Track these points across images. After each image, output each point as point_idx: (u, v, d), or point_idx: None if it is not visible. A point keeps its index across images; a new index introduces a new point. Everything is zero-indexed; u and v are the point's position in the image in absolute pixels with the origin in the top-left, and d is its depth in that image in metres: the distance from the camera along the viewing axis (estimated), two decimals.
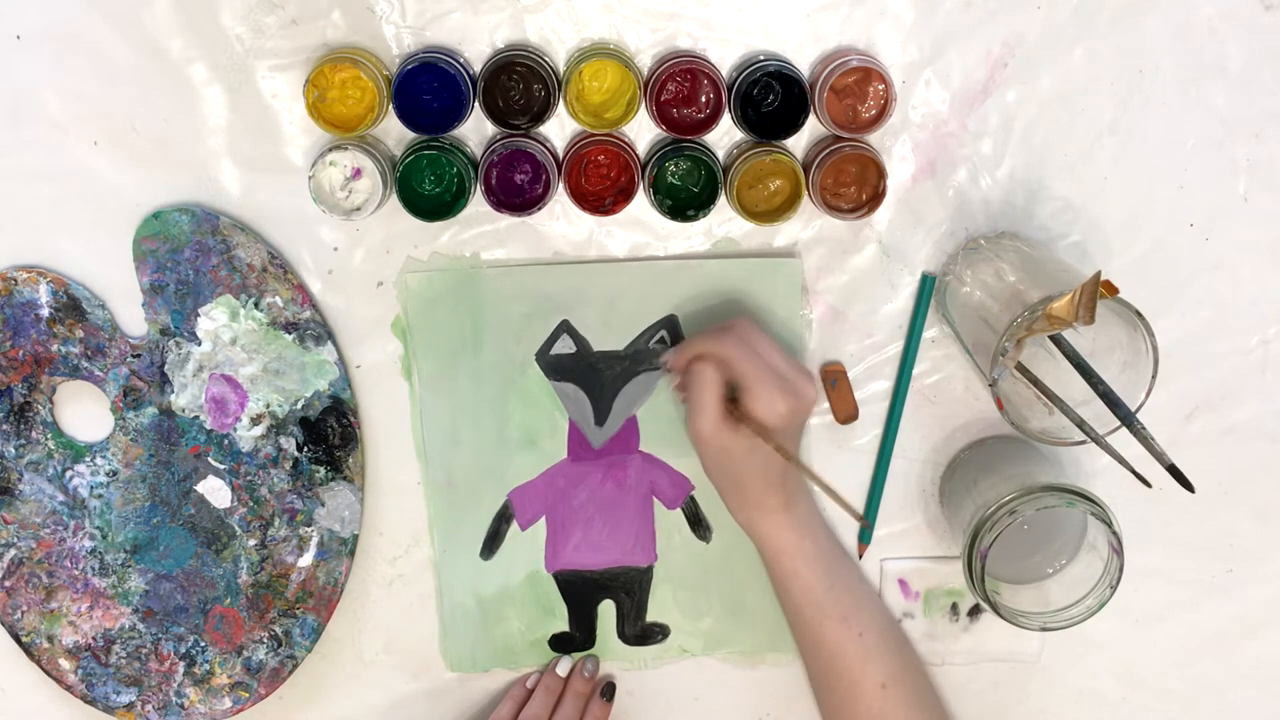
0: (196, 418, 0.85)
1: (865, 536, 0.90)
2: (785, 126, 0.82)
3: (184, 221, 0.83)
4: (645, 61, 0.83)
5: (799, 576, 0.82)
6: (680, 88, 0.81)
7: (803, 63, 0.83)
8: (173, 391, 0.85)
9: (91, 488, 0.86)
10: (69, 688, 0.87)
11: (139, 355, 0.84)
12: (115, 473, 0.86)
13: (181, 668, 0.87)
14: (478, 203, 0.83)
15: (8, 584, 0.86)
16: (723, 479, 0.82)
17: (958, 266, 0.84)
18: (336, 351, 0.85)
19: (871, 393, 0.88)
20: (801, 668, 0.87)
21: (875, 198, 0.83)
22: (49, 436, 0.85)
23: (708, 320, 0.86)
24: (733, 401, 0.79)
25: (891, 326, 0.87)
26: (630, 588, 0.91)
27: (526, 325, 0.86)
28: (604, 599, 0.91)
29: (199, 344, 0.84)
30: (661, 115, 0.82)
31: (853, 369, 0.88)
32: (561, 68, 0.83)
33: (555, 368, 0.87)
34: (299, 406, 0.85)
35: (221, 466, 0.86)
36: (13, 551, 0.86)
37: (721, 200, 0.83)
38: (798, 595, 0.83)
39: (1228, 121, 0.85)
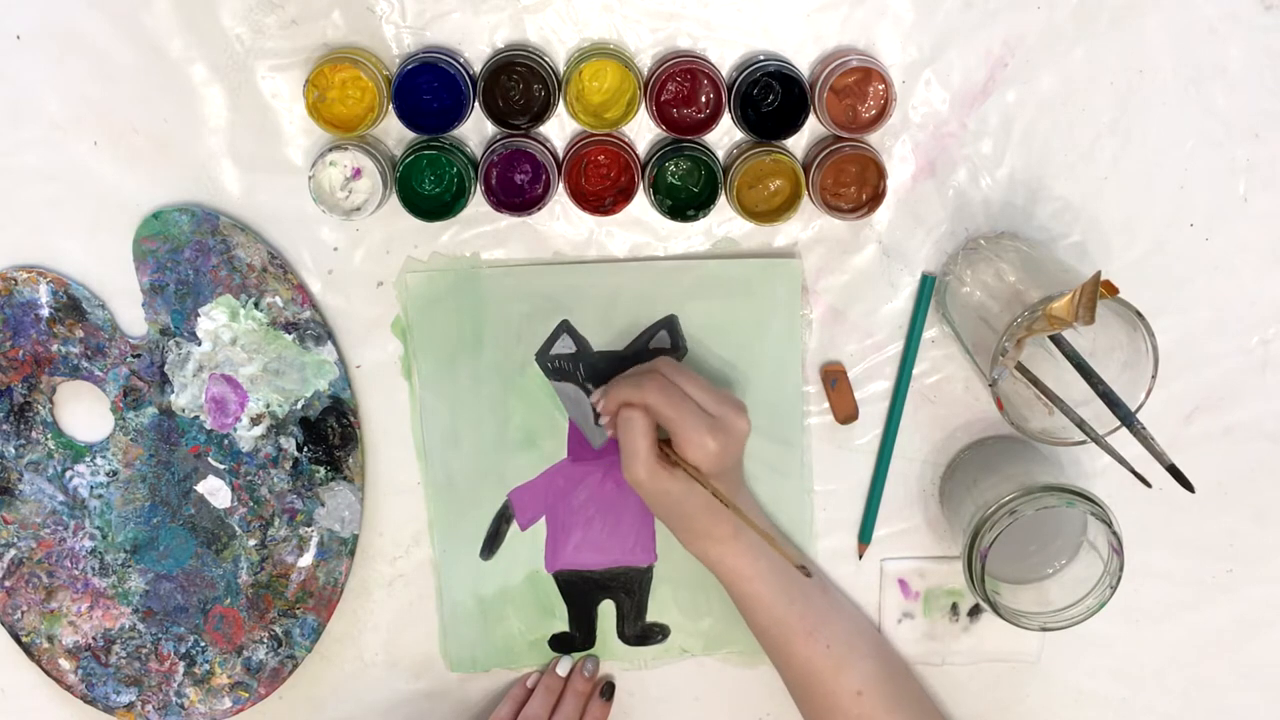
0: (196, 418, 0.85)
1: (865, 536, 0.90)
2: (785, 126, 0.82)
3: (184, 221, 0.83)
4: (645, 61, 0.83)
5: (759, 598, 0.83)
6: (680, 88, 0.81)
7: (803, 63, 0.83)
8: (173, 391, 0.85)
9: (91, 488, 0.86)
10: (69, 688, 0.87)
11: (139, 355, 0.84)
12: (115, 473, 0.86)
13: (181, 668, 0.88)
14: (478, 203, 0.83)
15: (8, 584, 0.86)
16: (668, 517, 0.82)
17: (958, 266, 0.84)
18: (336, 351, 0.85)
19: (871, 393, 0.88)
20: None
21: (875, 198, 0.83)
22: (49, 436, 0.85)
23: (708, 320, 0.86)
24: (665, 442, 0.79)
25: (891, 326, 0.87)
26: (630, 588, 0.91)
27: (526, 325, 0.86)
28: (604, 599, 0.91)
29: (199, 344, 0.84)
30: (661, 115, 0.82)
31: (853, 369, 0.88)
32: (561, 68, 0.83)
33: (555, 368, 0.87)
34: (299, 406, 0.85)
35: (221, 466, 0.86)
36: (13, 551, 0.86)
37: (721, 200, 0.83)
38: (760, 616, 0.83)
39: (1228, 121, 0.85)
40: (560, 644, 0.91)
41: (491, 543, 0.89)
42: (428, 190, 0.82)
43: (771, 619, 0.83)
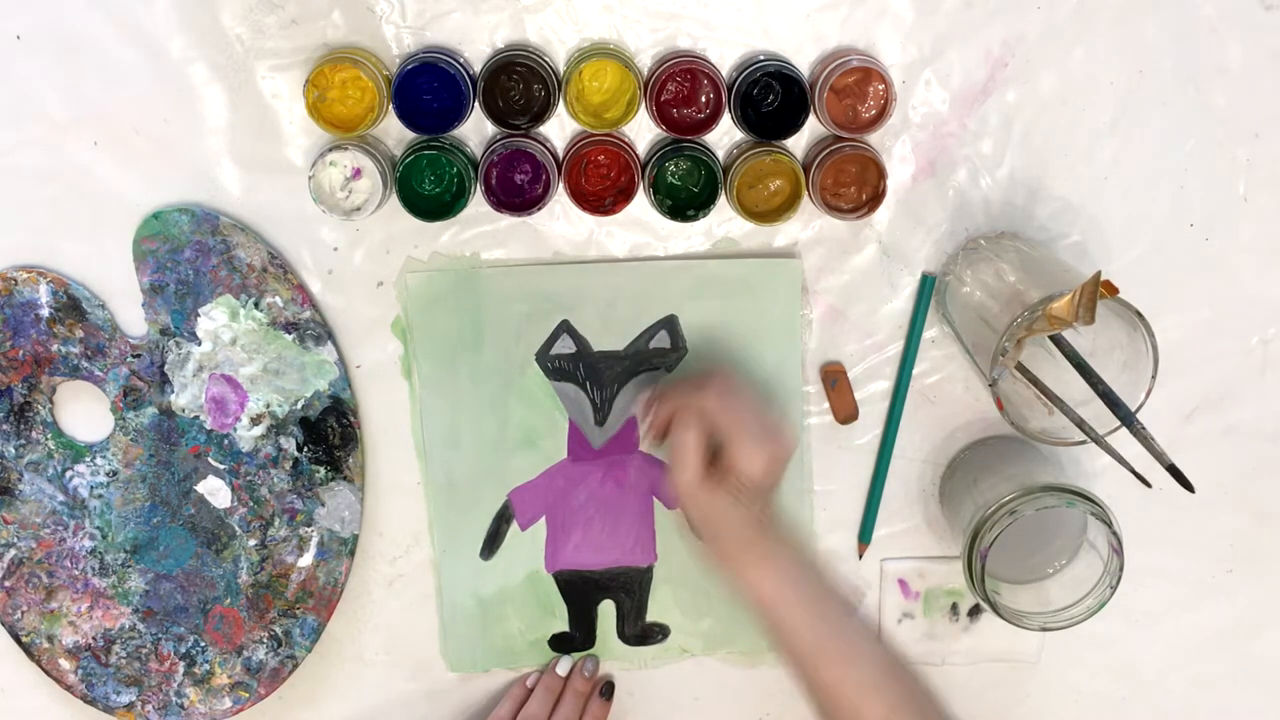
0: (196, 418, 0.85)
1: (865, 536, 0.90)
2: (785, 126, 0.82)
3: (184, 221, 0.83)
4: (645, 61, 0.83)
5: (786, 624, 0.82)
6: (680, 88, 0.81)
7: (803, 63, 0.83)
8: (173, 391, 0.85)
9: (91, 488, 0.86)
10: (69, 688, 0.87)
11: (139, 355, 0.84)
12: (115, 473, 0.86)
13: (181, 668, 0.88)
14: (478, 203, 0.83)
15: (8, 584, 0.86)
16: (703, 530, 0.81)
17: (958, 266, 0.84)
18: (336, 351, 0.85)
19: (871, 393, 0.88)
20: None
21: (875, 198, 0.83)
22: (49, 436, 0.85)
23: (708, 320, 0.86)
24: (713, 456, 0.79)
25: (891, 326, 0.87)
26: (630, 588, 0.91)
27: (526, 325, 0.86)
28: (604, 599, 0.91)
29: (199, 344, 0.84)
30: (661, 115, 0.82)
31: (853, 369, 0.88)
32: (561, 68, 0.83)
33: (555, 368, 0.87)
34: (299, 406, 0.85)
35: (221, 466, 0.86)
36: (13, 551, 0.86)
37: (721, 200, 0.83)
38: (788, 641, 0.83)
39: (1228, 121, 0.85)
40: (560, 644, 0.91)
41: (491, 543, 0.89)
42: (428, 190, 0.82)
43: (798, 644, 0.83)
